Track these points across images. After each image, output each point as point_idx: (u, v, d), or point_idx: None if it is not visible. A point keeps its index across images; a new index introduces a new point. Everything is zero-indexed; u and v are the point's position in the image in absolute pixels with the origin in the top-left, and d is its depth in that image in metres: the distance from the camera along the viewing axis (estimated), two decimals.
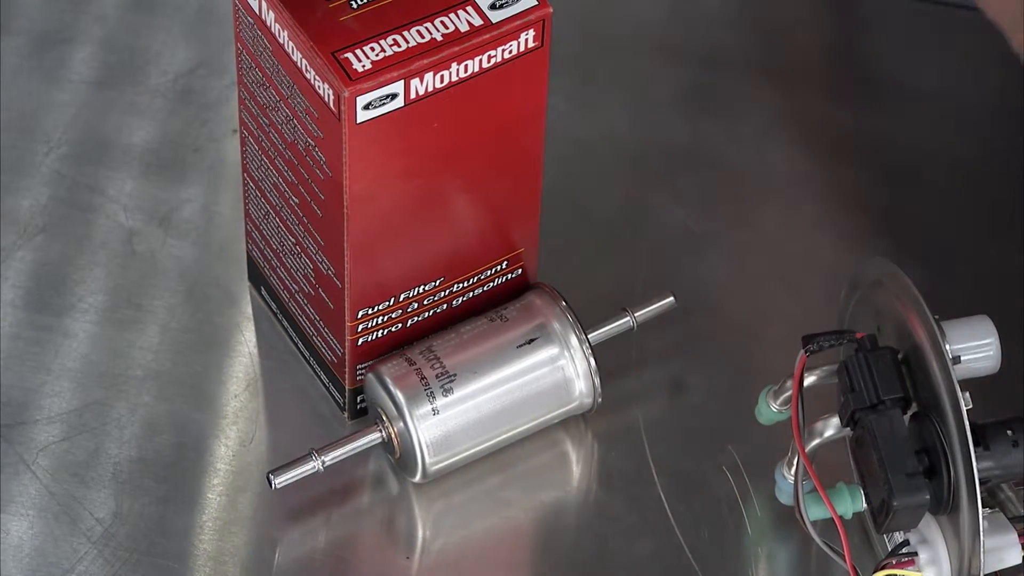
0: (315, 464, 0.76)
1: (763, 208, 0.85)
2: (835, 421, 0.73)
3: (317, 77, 0.72)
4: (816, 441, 0.74)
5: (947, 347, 0.73)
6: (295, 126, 0.74)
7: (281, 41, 0.72)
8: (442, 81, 0.72)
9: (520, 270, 0.79)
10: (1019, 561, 0.71)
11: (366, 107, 0.71)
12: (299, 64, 0.72)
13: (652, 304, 0.79)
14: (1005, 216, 0.82)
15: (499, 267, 0.78)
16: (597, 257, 0.82)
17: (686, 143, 0.86)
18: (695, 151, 0.86)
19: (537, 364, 0.77)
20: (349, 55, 0.71)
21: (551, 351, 0.77)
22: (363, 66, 0.71)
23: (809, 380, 0.74)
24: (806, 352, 0.73)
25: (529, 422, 0.77)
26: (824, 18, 0.89)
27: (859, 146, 0.86)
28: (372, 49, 0.71)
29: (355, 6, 0.72)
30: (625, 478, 0.78)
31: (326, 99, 0.72)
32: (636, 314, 0.79)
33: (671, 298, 0.80)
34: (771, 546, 0.76)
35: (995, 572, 0.72)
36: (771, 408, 0.76)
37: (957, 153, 0.81)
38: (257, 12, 0.73)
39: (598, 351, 0.78)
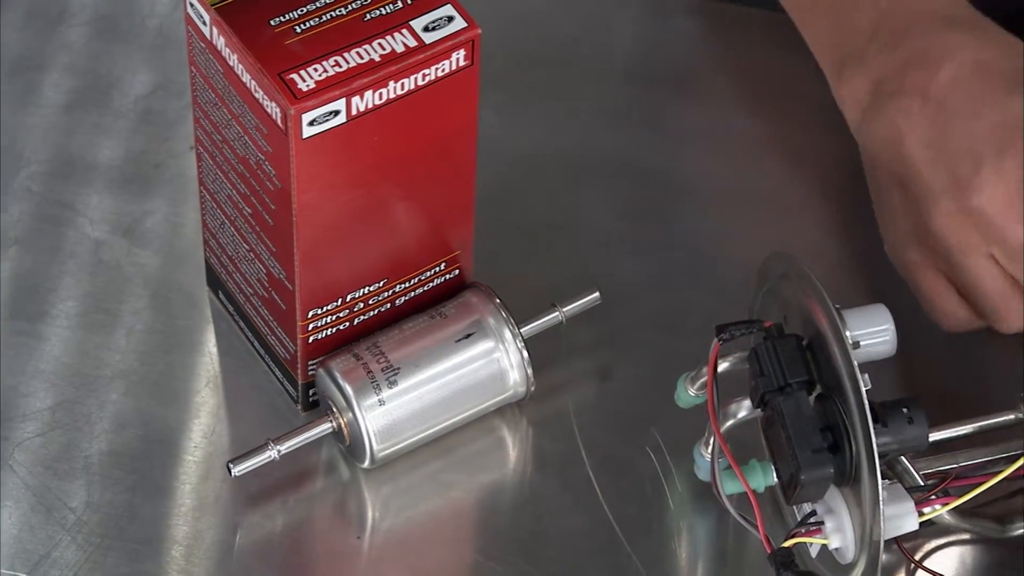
0: (271, 453, 0.76)
1: (680, 210, 0.86)
2: (747, 403, 0.74)
3: (265, 96, 0.72)
4: (730, 422, 0.75)
5: (847, 333, 0.74)
6: (246, 142, 0.75)
7: (231, 64, 0.73)
8: (381, 98, 0.73)
9: (457, 271, 0.80)
10: (916, 527, 0.72)
11: (311, 123, 0.72)
12: (248, 85, 0.73)
13: (579, 300, 0.80)
14: None
15: (438, 268, 0.79)
16: (528, 257, 0.83)
17: (609, 151, 0.87)
18: (617, 158, 0.87)
19: (474, 357, 0.78)
20: (294, 75, 0.72)
21: (487, 345, 0.78)
22: (307, 85, 0.72)
23: (723, 366, 0.75)
24: (719, 340, 0.74)
25: (468, 410, 0.78)
26: (731, 32, 0.90)
27: (766, 151, 0.87)
28: (315, 70, 0.72)
29: (299, 31, 0.73)
30: (557, 460, 0.79)
31: (274, 117, 0.73)
32: (564, 309, 0.80)
33: (596, 294, 0.81)
34: (692, 519, 0.77)
35: (894, 538, 0.74)
36: (689, 393, 0.77)
37: (853, 155, 0.82)
38: (208, 38, 0.74)
39: (530, 344, 0.78)
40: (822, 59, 0.79)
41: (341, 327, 0.78)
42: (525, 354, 0.78)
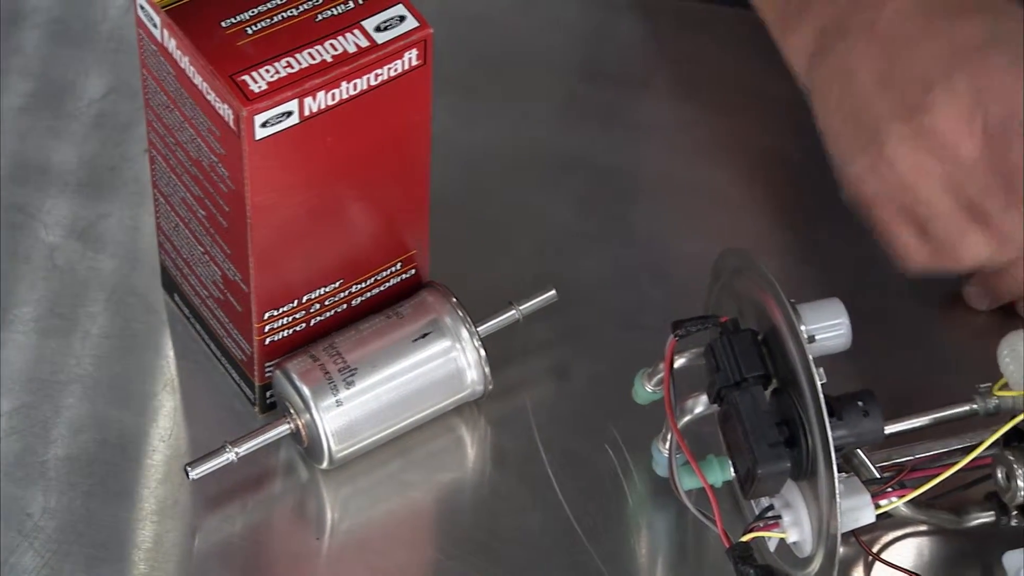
0: (229, 455, 0.76)
1: (635, 206, 0.85)
2: (704, 398, 0.74)
3: (217, 98, 0.72)
4: (687, 417, 0.75)
5: (802, 328, 0.74)
6: (199, 144, 0.75)
7: (183, 66, 0.73)
8: (333, 99, 0.73)
9: (413, 270, 0.79)
10: (873, 520, 0.72)
11: (263, 125, 0.72)
12: (200, 87, 0.73)
13: (536, 298, 0.80)
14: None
15: (394, 268, 0.79)
16: (484, 256, 0.83)
17: (564, 149, 0.87)
18: (572, 156, 0.87)
19: (431, 356, 0.78)
20: (246, 77, 0.72)
21: (444, 344, 0.78)
22: (259, 87, 0.72)
23: (679, 362, 0.75)
24: (675, 336, 0.74)
25: (426, 410, 0.78)
26: (683, 29, 0.90)
27: (720, 147, 0.87)
28: (267, 71, 0.72)
29: (250, 32, 0.73)
30: (516, 458, 0.79)
31: (226, 119, 0.72)
32: (521, 308, 0.80)
33: (553, 291, 0.80)
34: (651, 515, 0.77)
35: (852, 531, 0.74)
36: (646, 389, 0.76)
37: (806, 149, 0.82)
38: (160, 40, 0.74)
39: (487, 342, 0.78)
40: (765, 12, 0.79)
41: (297, 328, 0.77)
42: (482, 353, 0.78)
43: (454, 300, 0.78)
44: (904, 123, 0.74)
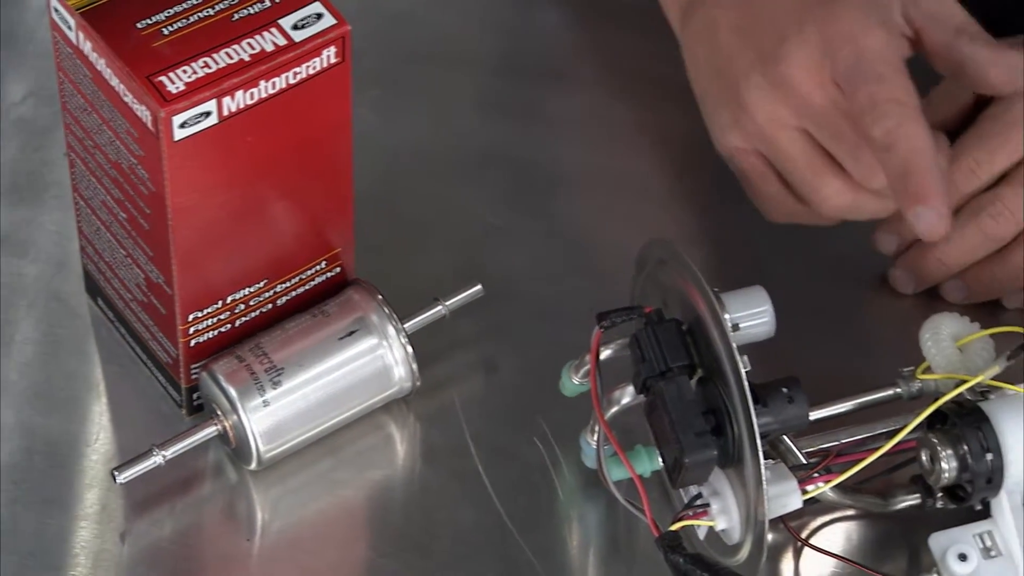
0: (157, 459, 0.75)
1: (559, 199, 0.85)
2: (630, 389, 0.74)
3: (135, 100, 0.71)
4: (614, 409, 0.75)
5: (726, 316, 0.74)
6: (118, 147, 0.74)
7: (99, 68, 0.72)
8: (252, 98, 0.72)
9: (339, 268, 0.79)
10: (800, 505, 0.73)
11: (182, 125, 0.71)
12: (117, 89, 0.72)
13: (462, 293, 0.80)
14: None
15: (319, 266, 0.79)
16: (410, 253, 0.83)
17: (486, 144, 0.86)
18: (495, 150, 0.86)
19: (358, 354, 0.77)
20: (163, 78, 0.71)
21: (370, 341, 0.78)
22: (177, 87, 0.71)
23: (605, 354, 0.75)
24: (600, 328, 0.74)
25: (354, 408, 0.78)
26: (599, 21, 0.90)
27: (638, 138, 0.87)
28: (184, 71, 0.71)
29: (166, 32, 0.72)
30: (446, 454, 0.78)
31: (144, 120, 0.72)
32: (447, 303, 0.80)
33: (479, 287, 0.80)
34: (581, 507, 0.77)
35: (780, 517, 0.74)
36: (573, 381, 0.76)
37: None
38: (75, 42, 0.73)
39: (414, 339, 0.78)
40: None
41: (223, 329, 0.77)
42: (409, 349, 0.78)
43: (380, 297, 0.78)
44: (761, 74, 0.76)
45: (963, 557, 0.72)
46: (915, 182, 0.74)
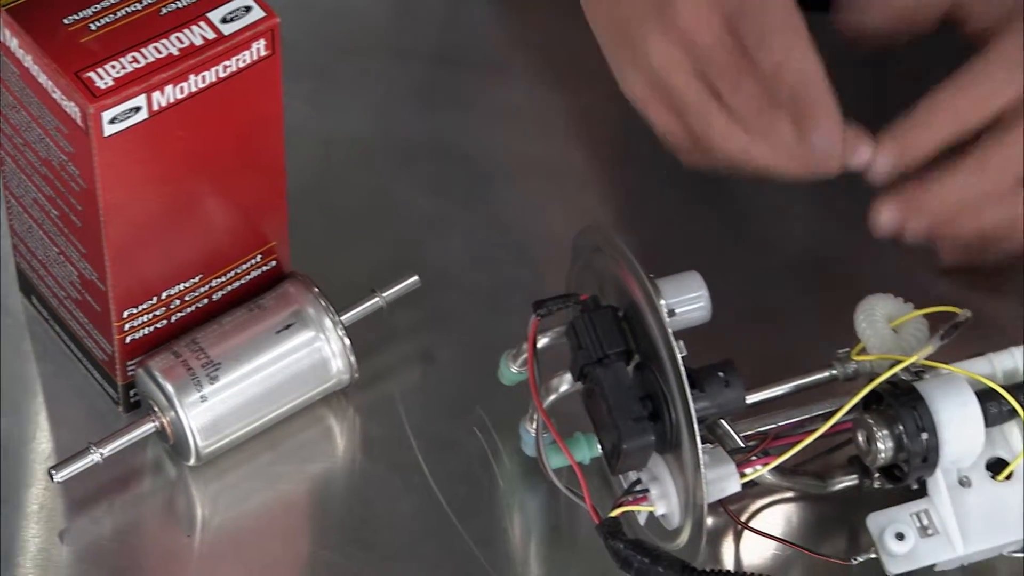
0: (94, 456, 0.75)
1: (494, 189, 0.85)
2: (568, 377, 0.74)
3: (63, 97, 0.71)
4: (553, 396, 0.75)
5: (662, 302, 0.75)
6: (48, 144, 0.73)
7: (27, 65, 0.72)
8: (182, 92, 0.72)
9: (274, 262, 0.79)
10: (739, 489, 0.73)
11: (111, 121, 0.71)
12: (45, 86, 0.71)
13: (399, 284, 0.80)
14: (709, 184, 0.84)
15: (254, 260, 0.78)
16: (346, 245, 0.82)
17: (421, 134, 0.86)
18: (430, 141, 0.86)
19: (295, 348, 0.77)
20: (91, 74, 0.71)
21: (307, 335, 0.77)
22: (106, 83, 0.71)
23: (542, 342, 0.75)
24: (537, 316, 0.74)
25: (293, 401, 0.78)
26: (532, 12, 0.90)
27: (572, 126, 0.87)
28: (113, 67, 0.71)
29: (94, 28, 0.71)
30: (385, 445, 0.78)
31: (73, 117, 0.71)
32: (384, 294, 0.79)
33: (416, 277, 0.80)
34: (522, 496, 0.77)
35: (719, 501, 0.74)
36: (511, 370, 0.76)
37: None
38: (2, 40, 0.72)
39: (352, 331, 0.78)
40: None
41: (158, 325, 0.77)
42: (347, 341, 0.78)
43: (316, 290, 0.78)
44: (655, 19, 0.78)
45: (900, 536, 0.73)
46: (806, 108, 0.75)
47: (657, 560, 0.70)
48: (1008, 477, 0.73)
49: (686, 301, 0.75)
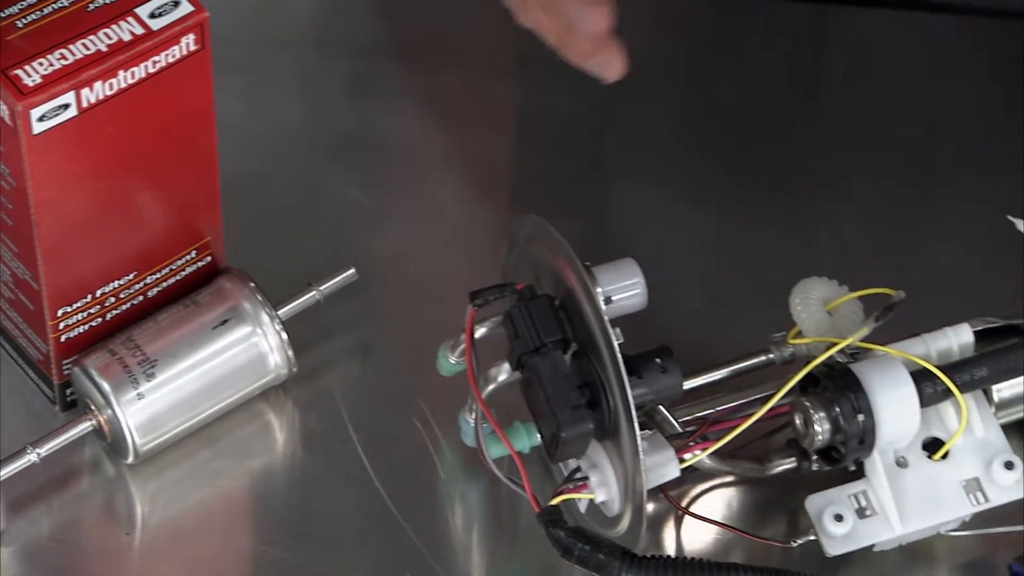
0: (31, 456, 0.74)
1: (429, 180, 0.85)
2: (506, 366, 0.74)
3: None
4: (491, 386, 0.74)
5: (598, 290, 0.75)
6: None
7: None
8: (112, 88, 0.71)
9: (209, 257, 0.78)
10: (678, 474, 0.73)
11: (41, 119, 0.70)
12: None
13: (335, 277, 0.79)
14: (644, 172, 0.84)
15: (189, 256, 0.78)
16: (282, 239, 0.82)
17: (354, 127, 0.86)
18: (362, 134, 0.86)
19: (232, 343, 0.77)
20: (19, 71, 0.70)
21: (244, 330, 0.77)
22: (34, 80, 0.70)
23: (480, 332, 0.74)
24: (474, 307, 0.74)
25: (231, 396, 0.77)
26: (464, 1, 0.90)
27: (506, 116, 0.87)
28: (41, 64, 0.70)
29: (20, 25, 0.71)
30: (325, 439, 0.78)
31: (2, 115, 0.70)
32: (321, 288, 0.79)
33: (352, 270, 0.80)
34: (463, 487, 0.77)
35: (660, 487, 0.74)
36: (450, 361, 0.76)
37: (592, 108, 0.83)
38: None
39: (289, 325, 0.77)
40: None
41: (94, 323, 0.76)
42: (284, 336, 0.77)
43: (252, 285, 0.77)
44: None
45: (839, 518, 0.73)
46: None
47: (598, 547, 0.70)
48: (944, 456, 0.74)
49: (622, 288, 0.75)
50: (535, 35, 0.81)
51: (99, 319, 0.76)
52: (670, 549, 0.75)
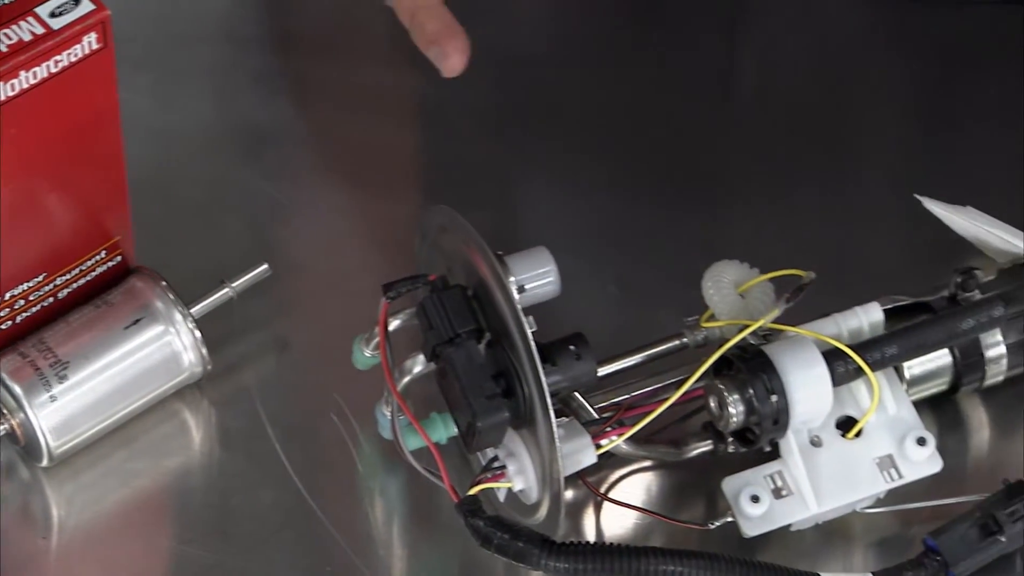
0: None
1: (339, 174, 0.85)
2: (421, 358, 0.74)
3: None
4: (407, 378, 0.74)
5: (511, 279, 0.74)
6: None
7: None
8: (13, 89, 0.70)
9: (119, 257, 0.78)
10: (595, 460, 0.73)
11: None
12: None
13: (248, 273, 0.79)
14: (555, 159, 0.84)
15: (98, 256, 0.77)
16: (192, 236, 0.82)
17: (264, 123, 0.86)
18: (273, 129, 0.85)
19: (145, 343, 0.76)
20: None
21: (156, 329, 0.76)
22: None
23: (394, 324, 0.74)
24: (387, 299, 0.74)
25: (145, 396, 0.77)
26: None
27: (423, 110, 0.87)
28: None
29: None
30: (242, 436, 0.77)
31: None
32: (234, 284, 0.79)
33: (265, 266, 0.79)
34: (382, 479, 0.77)
35: (577, 473, 0.74)
36: (365, 354, 0.76)
37: (503, 106, 0.83)
38: None
39: (203, 323, 0.77)
40: None
41: (3, 326, 0.75)
42: (197, 334, 0.77)
43: (164, 283, 0.77)
44: None
45: (755, 499, 0.73)
46: None
47: (517, 535, 0.70)
48: (858, 435, 0.74)
49: (535, 277, 0.75)
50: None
51: (9, 322, 0.76)
52: (590, 535, 0.75)
